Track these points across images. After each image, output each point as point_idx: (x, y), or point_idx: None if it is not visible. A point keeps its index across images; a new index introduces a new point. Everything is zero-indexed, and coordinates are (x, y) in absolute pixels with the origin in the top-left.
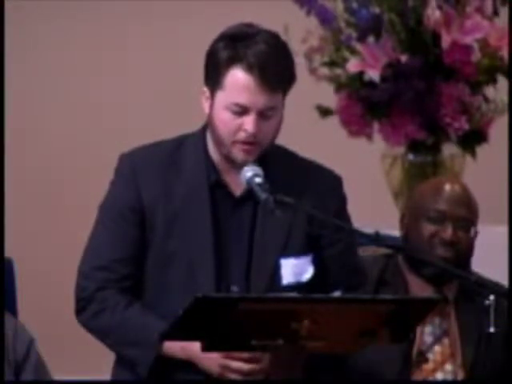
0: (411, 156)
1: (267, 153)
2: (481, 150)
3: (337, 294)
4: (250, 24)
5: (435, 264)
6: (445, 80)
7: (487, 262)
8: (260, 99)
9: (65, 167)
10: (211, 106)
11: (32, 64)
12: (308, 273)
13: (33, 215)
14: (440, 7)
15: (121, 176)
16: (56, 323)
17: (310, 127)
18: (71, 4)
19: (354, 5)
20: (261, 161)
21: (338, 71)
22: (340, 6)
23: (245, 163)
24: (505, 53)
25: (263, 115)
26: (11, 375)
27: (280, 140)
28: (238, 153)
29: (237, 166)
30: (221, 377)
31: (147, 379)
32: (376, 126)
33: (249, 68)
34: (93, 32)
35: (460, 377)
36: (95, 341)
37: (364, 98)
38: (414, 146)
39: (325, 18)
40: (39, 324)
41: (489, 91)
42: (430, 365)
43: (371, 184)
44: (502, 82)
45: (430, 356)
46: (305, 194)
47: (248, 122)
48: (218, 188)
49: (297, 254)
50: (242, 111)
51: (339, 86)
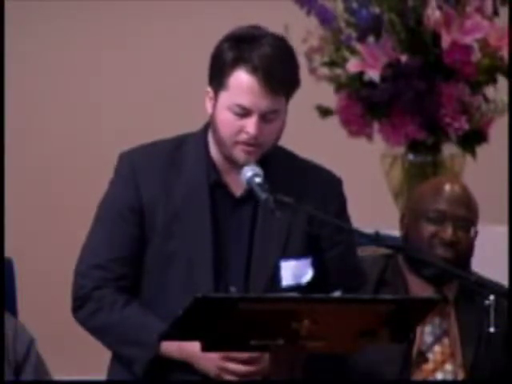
0: (411, 156)
1: (267, 154)
2: (481, 150)
3: (337, 294)
4: (257, 26)
5: (435, 264)
6: (445, 80)
7: (487, 262)
8: (263, 102)
9: (65, 167)
10: (214, 107)
11: (32, 64)
12: (308, 275)
13: (33, 215)
14: (440, 7)
15: (120, 175)
16: (56, 323)
17: (310, 127)
18: (71, 4)
19: (354, 5)
20: (261, 161)
21: (338, 71)
22: (340, 6)
23: (245, 164)
24: (505, 53)
25: (265, 118)
26: (11, 375)
27: (280, 140)
28: (240, 154)
29: (238, 167)
30: (217, 378)
31: (143, 378)
32: (376, 126)
33: (253, 70)
34: (93, 32)
35: (460, 377)
36: (95, 341)
37: (364, 98)
38: (414, 146)
39: (325, 18)
40: (39, 324)
41: (489, 91)
42: (430, 365)
43: (371, 184)
44: (502, 82)
45: (430, 356)
46: (305, 196)
47: (250, 124)
48: (218, 188)
49: (297, 256)
50: (245, 113)
51: (339, 86)
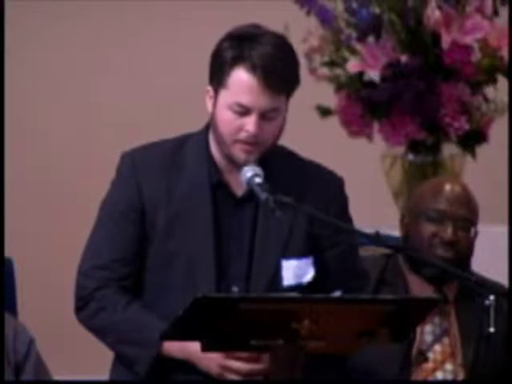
0: (411, 156)
1: (268, 153)
2: (481, 150)
3: (337, 294)
4: (257, 25)
5: (435, 264)
6: (445, 80)
7: (487, 262)
8: (262, 100)
9: (65, 167)
10: (214, 105)
11: (32, 64)
12: (309, 275)
13: (33, 215)
14: (440, 7)
15: (122, 175)
16: (56, 323)
17: (310, 127)
18: (71, 4)
19: (354, 5)
20: (262, 161)
21: (338, 71)
22: (340, 6)
23: (245, 163)
24: (505, 53)
25: (265, 116)
26: (11, 375)
27: (280, 140)
28: (239, 152)
29: (238, 166)
30: (220, 377)
31: (145, 378)
32: (376, 126)
33: (252, 69)
34: (93, 32)
35: (460, 376)
36: (95, 341)
37: (364, 98)
38: (414, 146)
39: (325, 18)
40: (39, 324)
41: (489, 91)
42: (430, 364)
43: (371, 184)
44: (502, 82)
45: (430, 355)
46: (306, 195)
47: (249, 123)
48: (220, 188)
49: (298, 256)
50: (244, 111)
51: (339, 86)
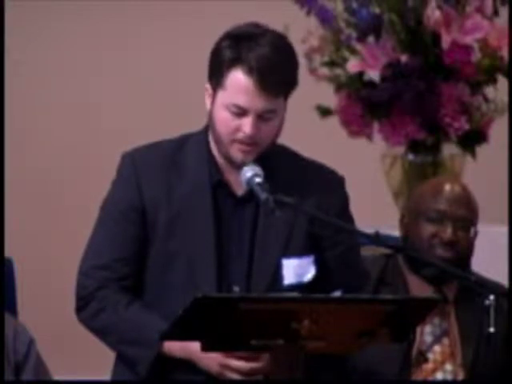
0: (411, 156)
1: (270, 153)
2: (481, 150)
3: (337, 294)
4: (257, 24)
5: (435, 264)
6: (445, 80)
7: (487, 262)
8: (259, 102)
9: (65, 167)
10: (212, 104)
11: (32, 64)
12: (310, 273)
13: (33, 215)
14: (440, 7)
15: (122, 175)
16: (56, 323)
17: (310, 127)
18: (71, 4)
19: (354, 5)
20: (263, 161)
21: (338, 71)
22: (340, 6)
23: (243, 163)
24: (505, 53)
25: (262, 117)
26: (11, 375)
27: (280, 140)
28: (237, 152)
29: (236, 166)
30: (220, 376)
31: (147, 378)
32: (376, 126)
33: (249, 70)
34: (93, 32)
35: (460, 377)
36: (95, 341)
37: (364, 98)
38: (414, 146)
39: (325, 18)
40: (39, 324)
41: (489, 91)
42: (430, 365)
43: (371, 184)
44: (502, 82)
45: (430, 356)
46: (307, 194)
47: (246, 124)
48: (220, 187)
49: (299, 255)
50: (241, 112)
51: (339, 86)
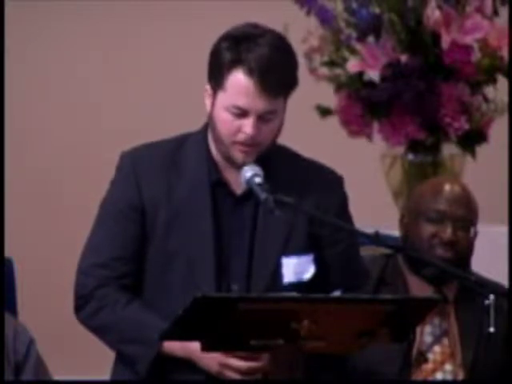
0: (411, 156)
1: (270, 152)
2: (481, 150)
3: (337, 294)
4: (256, 25)
5: (435, 264)
6: (445, 80)
7: (487, 262)
8: (259, 103)
9: (65, 167)
10: (212, 105)
11: (32, 64)
12: (309, 272)
13: (33, 215)
14: (440, 7)
15: (121, 174)
16: (56, 323)
17: (310, 127)
18: (71, 4)
19: (354, 5)
20: (263, 160)
21: (338, 71)
22: (340, 6)
23: (244, 164)
24: (505, 53)
25: (263, 118)
26: (11, 375)
27: (280, 140)
28: (237, 153)
29: (236, 166)
30: (220, 375)
31: (146, 378)
32: (376, 126)
33: (249, 72)
34: (93, 32)
35: (460, 377)
36: (95, 340)
37: (364, 98)
38: (414, 146)
39: (325, 18)
40: (39, 324)
41: (489, 91)
42: (430, 365)
43: (371, 184)
44: (502, 82)
45: (430, 356)
46: (307, 194)
47: (247, 125)
48: (219, 186)
49: (298, 253)
50: (242, 113)
51: (339, 86)
